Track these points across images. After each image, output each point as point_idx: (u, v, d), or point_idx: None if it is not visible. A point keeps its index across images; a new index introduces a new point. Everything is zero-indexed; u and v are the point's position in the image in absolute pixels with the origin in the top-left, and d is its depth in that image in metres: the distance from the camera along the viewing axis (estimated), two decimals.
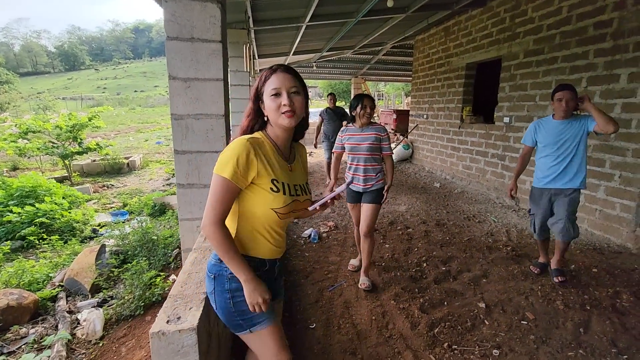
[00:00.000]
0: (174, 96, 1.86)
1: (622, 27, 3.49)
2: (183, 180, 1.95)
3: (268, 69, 1.17)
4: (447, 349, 2.07)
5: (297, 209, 1.21)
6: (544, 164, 2.77)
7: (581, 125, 2.58)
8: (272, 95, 1.12)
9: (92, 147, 8.30)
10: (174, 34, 1.80)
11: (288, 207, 1.15)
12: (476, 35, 5.82)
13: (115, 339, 2.35)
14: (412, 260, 3.24)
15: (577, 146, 2.61)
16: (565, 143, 2.64)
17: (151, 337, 1.05)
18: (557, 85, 2.66)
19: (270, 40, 7.08)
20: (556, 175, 2.70)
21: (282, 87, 1.12)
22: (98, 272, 3.15)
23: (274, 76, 1.14)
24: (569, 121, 2.62)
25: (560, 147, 2.66)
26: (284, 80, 1.13)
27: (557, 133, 2.66)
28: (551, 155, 2.70)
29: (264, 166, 1.11)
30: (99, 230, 4.74)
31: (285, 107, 1.11)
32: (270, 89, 1.13)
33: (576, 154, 2.63)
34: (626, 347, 2.07)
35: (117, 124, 21.77)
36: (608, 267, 3.09)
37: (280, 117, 1.13)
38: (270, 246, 1.20)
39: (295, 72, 1.18)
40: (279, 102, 1.12)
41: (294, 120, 1.14)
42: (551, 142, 2.69)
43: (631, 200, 3.48)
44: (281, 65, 1.19)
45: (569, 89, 2.57)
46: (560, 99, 2.59)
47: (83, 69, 79.44)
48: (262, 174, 1.11)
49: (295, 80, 1.15)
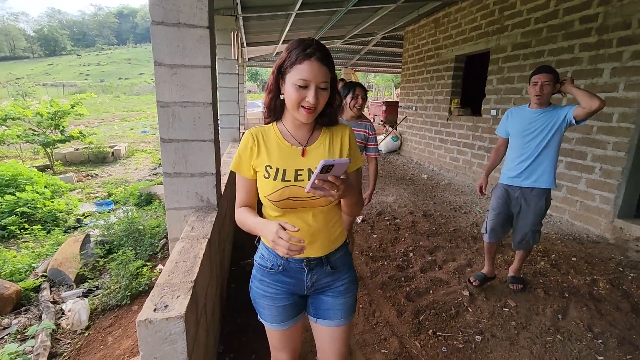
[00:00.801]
0: (159, 83, 1.82)
1: (607, 22, 3.56)
2: (169, 169, 1.92)
3: (301, 48, 0.97)
4: (432, 335, 2.13)
5: (300, 197, 1.06)
6: (510, 157, 2.45)
7: (557, 116, 2.22)
8: (297, 85, 0.98)
9: (75, 135, 8.07)
10: (159, 19, 1.75)
11: (278, 193, 1.04)
12: (465, 27, 5.84)
13: (102, 328, 2.33)
14: (399, 250, 3.29)
15: (550, 139, 2.25)
16: (534, 134, 2.28)
17: (138, 325, 1.04)
18: (536, 68, 2.31)
19: (259, 28, 6.96)
20: (521, 172, 2.36)
21: (312, 81, 0.97)
22: (83, 262, 3.10)
23: (306, 63, 0.96)
24: (545, 111, 2.26)
25: (529, 138, 2.31)
26: (318, 74, 0.97)
27: (527, 122, 2.31)
28: (518, 148, 2.37)
29: (260, 153, 1.09)
30: (83, 220, 4.65)
31: (308, 104, 0.99)
32: (297, 77, 0.97)
33: (547, 148, 2.27)
34: (601, 332, 2.16)
35: (101, 112, 21.20)
36: (586, 256, 3.20)
37: (298, 111, 1.01)
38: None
39: (330, 60, 1.01)
40: (303, 95, 0.98)
41: (312, 117, 1.03)
42: (519, 132, 2.35)
43: (610, 192, 3.59)
44: (319, 47, 0.99)
45: (546, 71, 2.21)
46: (535, 83, 2.23)
47: (64, 54, 76.73)
48: (258, 162, 1.09)
49: (328, 74, 1.00)
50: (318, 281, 1.17)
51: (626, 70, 3.40)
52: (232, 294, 2.49)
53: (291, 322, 1.22)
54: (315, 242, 1.13)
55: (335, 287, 1.19)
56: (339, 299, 1.20)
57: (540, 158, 2.30)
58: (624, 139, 3.44)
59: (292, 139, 1.10)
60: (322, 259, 1.15)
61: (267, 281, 1.18)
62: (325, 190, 0.90)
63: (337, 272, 1.19)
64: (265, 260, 1.18)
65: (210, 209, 1.96)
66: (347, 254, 1.24)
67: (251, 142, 1.09)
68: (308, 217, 1.11)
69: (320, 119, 1.10)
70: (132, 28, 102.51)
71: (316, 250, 1.13)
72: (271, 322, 1.21)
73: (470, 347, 2.03)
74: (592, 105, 2.05)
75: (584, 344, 2.06)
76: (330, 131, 1.14)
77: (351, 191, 1.00)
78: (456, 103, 6.36)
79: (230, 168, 1.13)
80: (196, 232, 1.69)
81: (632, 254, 3.24)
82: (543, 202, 2.36)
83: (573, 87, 2.15)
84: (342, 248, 1.20)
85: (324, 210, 1.12)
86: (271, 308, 1.19)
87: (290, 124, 1.10)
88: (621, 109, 3.46)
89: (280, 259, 1.14)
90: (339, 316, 1.20)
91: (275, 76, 1.05)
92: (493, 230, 2.55)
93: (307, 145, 1.10)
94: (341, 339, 1.23)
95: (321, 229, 1.12)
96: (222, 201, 2.29)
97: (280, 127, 1.12)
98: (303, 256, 1.12)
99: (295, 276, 1.16)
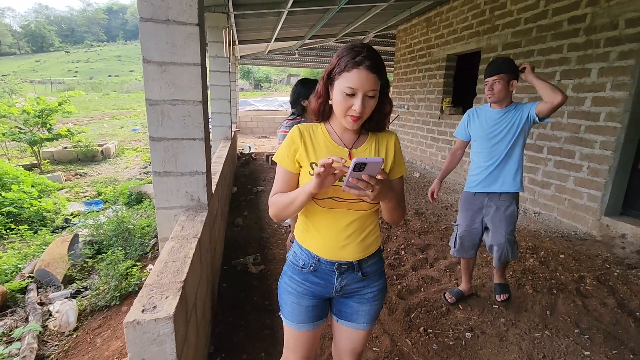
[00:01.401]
0: (148, 81, 1.79)
1: (595, 22, 3.61)
2: (159, 168, 1.89)
3: (351, 56, 0.96)
4: (423, 332, 2.14)
5: (343, 198, 1.06)
6: (475, 163, 2.28)
7: (520, 114, 2.07)
8: (344, 93, 0.97)
9: (62, 133, 7.94)
10: (148, 15, 1.72)
11: (322, 191, 1.02)
12: (457, 27, 5.88)
13: (90, 330, 2.30)
14: (391, 248, 3.31)
15: (515, 140, 2.11)
16: (500, 136, 2.13)
17: (126, 326, 1.03)
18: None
19: (251, 25, 6.91)
20: (488, 176, 2.20)
21: (359, 90, 0.96)
22: (71, 262, 3.05)
23: (355, 72, 0.95)
24: (507, 110, 2.11)
25: (495, 141, 2.15)
26: (366, 82, 0.95)
27: (491, 124, 2.15)
28: (483, 152, 2.21)
29: (306, 148, 1.08)
30: (72, 220, 4.58)
31: (354, 112, 0.98)
32: (345, 85, 0.97)
33: (513, 150, 2.14)
34: (587, 328, 2.20)
35: (90, 109, 20.87)
36: (574, 253, 3.25)
37: (345, 119, 1.01)
38: (319, 240, 1.12)
39: (381, 68, 0.98)
40: (350, 104, 0.98)
41: (357, 124, 1.03)
42: (483, 135, 2.19)
43: (597, 190, 3.66)
44: (369, 54, 0.96)
45: (494, 72, 2.05)
46: (486, 83, 2.10)
47: (52, 50, 75.27)
48: (303, 157, 1.08)
49: (377, 82, 0.98)
50: (347, 286, 1.16)
51: (613, 71, 3.46)
52: (224, 293, 2.47)
53: (310, 325, 1.21)
54: (348, 246, 1.11)
55: (364, 294, 1.19)
56: (365, 306, 1.20)
57: (505, 160, 2.16)
58: (611, 138, 3.50)
59: (338, 140, 1.11)
60: (353, 264, 1.14)
61: (296, 279, 1.18)
62: (360, 190, 0.90)
63: (367, 278, 1.18)
64: (297, 258, 1.18)
65: (201, 208, 1.94)
66: (380, 260, 1.23)
67: (298, 136, 1.09)
68: (345, 219, 1.10)
69: (367, 124, 1.09)
70: (122, 25, 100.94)
71: (349, 254, 1.12)
72: (291, 320, 1.20)
73: (461, 344, 2.05)
74: (554, 100, 1.90)
75: (571, 339, 2.10)
76: (377, 137, 1.13)
77: (388, 194, 0.97)
78: (448, 102, 6.41)
79: (273, 159, 1.14)
80: (186, 232, 1.68)
81: (618, 250, 3.31)
82: (514, 207, 2.21)
83: (533, 76, 1.98)
84: (375, 255, 1.19)
85: (364, 214, 1.11)
86: (294, 306, 1.19)
87: (338, 126, 1.11)
88: (608, 109, 3.52)
89: (312, 259, 1.14)
90: (361, 321, 1.21)
91: (324, 82, 1.05)
92: (461, 245, 2.38)
93: (354, 148, 1.10)
94: (359, 341, 1.25)
95: (356, 233, 1.12)
96: (213, 200, 2.27)
97: (328, 127, 1.12)
98: (335, 259, 1.12)
99: (325, 278, 1.15)
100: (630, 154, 3.49)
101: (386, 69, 1.01)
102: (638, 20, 3.22)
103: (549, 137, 4.19)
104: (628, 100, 3.34)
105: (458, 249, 2.40)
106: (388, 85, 1.05)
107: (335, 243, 1.11)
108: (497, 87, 2.05)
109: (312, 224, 1.14)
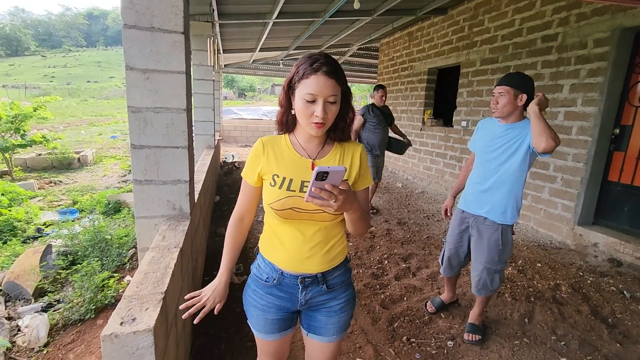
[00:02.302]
0: (131, 87, 1.77)
1: (566, 41, 3.81)
2: (140, 176, 1.86)
3: (308, 63, 0.98)
4: (406, 342, 2.15)
5: (304, 209, 1.04)
6: (470, 179, 2.12)
7: (523, 135, 1.84)
8: (305, 100, 0.98)
9: (37, 139, 7.64)
10: (132, 22, 1.71)
11: (281, 202, 1.03)
12: (438, 42, 6.07)
13: (62, 345, 2.19)
14: (374, 258, 3.32)
15: (511, 162, 1.87)
16: (495, 153, 1.92)
17: (102, 340, 0.99)
18: None
19: (236, 35, 6.93)
20: (476, 196, 2.02)
21: (319, 95, 0.97)
22: (43, 274, 2.91)
23: (313, 78, 0.97)
24: (513, 127, 1.90)
25: (489, 157, 1.96)
26: (324, 87, 0.97)
27: (491, 138, 1.97)
28: (477, 168, 2.06)
29: (269, 160, 1.08)
30: (45, 230, 4.38)
31: (316, 119, 0.98)
32: (305, 92, 0.98)
33: (506, 174, 1.89)
34: (564, 335, 2.27)
35: (67, 115, 20.23)
36: (550, 261, 3.36)
37: (309, 126, 1.01)
38: (282, 253, 1.11)
39: (339, 74, 1.00)
40: (312, 110, 0.98)
41: (321, 131, 1.03)
42: (482, 148, 2.01)
43: (571, 201, 3.81)
44: (326, 61, 0.98)
45: (503, 83, 1.90)
46: (494, 94, 1.95)
47: (27, 54, 72.87)
48: (265, 170, 1.09)
49: (337, 87, 0.99)
50: (313, 299, 1.15)
51: (583, 87, 3.65)
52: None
53: (278, 335, 1.20)
54: (312, 258, 1.10)
55: (331, 307, 1.17)
56: (333, 318, 1.18)
57: (497, 184, 1.92)
58: (582, 151, 3.67)
59: (302, 151, 1.10)
60: (318, 277, 1.12)
61: (260, 292, 1.17)
62: (323, 200, 0.89)
63: (333, 291, 1.16)
64: (260, 271, 1.17)
65: (183, 218, 1.90)
66: (347, 272, 1.21)
67: (261, 150, 1.10)
68: (308, 230, 1.08)
69: (332, 133, 1.10)
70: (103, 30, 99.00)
71: (312, 267, 1.11)
72: (258, 331, 1.20)
73: (443, 353, 2.07)
74: (538, 145, 1.71)
75: (548, 346, 2.15)
76: (342, 147, 1.13)
77: (353, 204, 0.97)
78: (429, 114, 6.57)
79: (241, 174, 1.17)
80: (167, 242, 1.64)
81: (591, 259, 3.44)
82: (498, 236, 1.95)
83: (534, 110, 1.74)
84: (341, 266, 1.17)
85: (328, 225, 1.09)
86: (259, 319, 1.18)
87: (302, 136, 1.10)
88: (579, 123, 3.69)
89: (275, 272, 1.13)
90: (331, 333, 1.19)
91: (285, 91, 1.06)
92: (449, 265, 2.27)
93: (317, 158, 1.09)
94: (331, 353, 1.23)
95: (321, 245, 1.10)
96: (196, 209, 2.24)
97: (292, 138, 1.12)
98: (298, 271, 1.11)
99: (289, 291, 1.14)
100: (600, 166, 3.66)
101: (346, 78, 1.05)
102: (605, 40, 3.43)
103: None
104: (597, 115, 3.52)
105: (445, 268, 2.31)
106: (349, 93, 1.06)
107: (298, 255, 1.09)
108: (502, 101, 1.87)
109: (275, 235, 1.13)
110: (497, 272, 2.06)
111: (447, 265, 2.28)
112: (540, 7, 4.08)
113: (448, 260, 2.26)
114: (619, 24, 3.29)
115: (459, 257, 2.24)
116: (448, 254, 2.25)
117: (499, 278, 2.09)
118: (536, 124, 1.72)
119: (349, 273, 1.22)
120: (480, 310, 2.22)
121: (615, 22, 3.32)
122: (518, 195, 1.93)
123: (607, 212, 3.71)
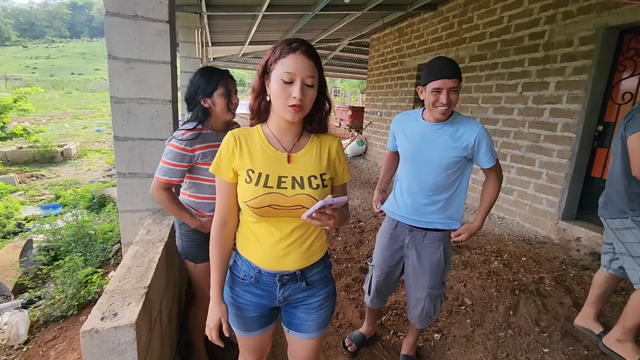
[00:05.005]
0: (114, 77, 1.72)
1: (552, 39, 3.86)
2: (124, 169, 1.81)
3: (286, 43, 0.95)
4: (393, 335, 2.17)
5: (282, 205, 1.00)
6: (398, 184, 1.75)
7: (466, 138, 1.55)
8: (282, 80, 0.93)
9: (17, 132, 7.41)
10: (115, 10, 1.65)
11: (258, 200, 0.98)
12: (427, 38, 6.09)
13: (43, 342, 2.13)
14: (363, 252, 3.33)
15: (454, 167, 1.58)
16: (431, 159, 1.58)
17: (82, 335, 0.96)
18: (433, 61, 1.57)
19: (225, 27, 6.82)
20: (411, 206, 1.65)
21: (297, 75, 0.92)
22: (23, 270, 2.83)
23: (291, 56, 0.92)
24: (445, 125, 1.57)
25: (422, 164, 1.61)
26: (303, 67, 0.92)
27: (420, 139, 1.61)
28: (409, 175, 1.67)
29: (242, 155, 1.02)
30: (26, 225, 4.26)
31: (294, 100, 0.93)
32: (282, 71, 0.92)
33: (452, 180, 1.60)
34: (547, 326, 2.32)
35: (50, 108, 19.70)
36: (534, 255, 3.42)
37: (285, 110, 0.95)
38: (259, 250, 1.07)
39: (317, 58, 0.97)
40: (289, 92, 0.93)
41: (299, 116, 0.97)
42: (410, 150, 1.64)
43: (555, 196, 3.88)
44: (304, 43, 0.95)
45: (454, 75, 1.48)
46: (437, 90, 1.49)
47: (8, 45, 70.54)
48: (239, 165, 1.02)
49: (314, 69, 0.95)
50: (291, 296, 1.12)
51: (569, 84, 3.71)
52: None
53: (259, 332, 1.18)
54: (289, 255, 1.07)
55: (310, 303, 1.15)
56: (313, 315, 1.16)
57: (440, 190, 1.61)
58: (567, 147, 3.74)
59: (277, 144, 1.04)
60: (296, 274, 1.09)
61: (237, 290, 1.13)
62: (322, 221, 0.91)
63: (312, 288, 1.13)
64: (237, 269, 1.14)
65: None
66: (327, 268, 1.18)
67: (233, 143, 1.03)
68: (286, 227, 1.05)
69: (309, 125, 1.06)
70: (88, 21, 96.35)
71: (290, 264, 1.08)
72: (237, 328, 1.18)
73: (430, 346, 2.09)
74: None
75: (532, 337, 2.20)
76: (319, 140, 1.08)
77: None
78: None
79: (210, 170, 1.06)
80: (152, 236, 1.61)
81: (574, 253, 3.52)
82: (440, 254, 1.64)
83: (478, 226, 1.64)
84: (320, 262, 1.14)
85: (306, 222, 1.03)
86: (238, 317, 1.15)
87: (276, 127, 1.04)
88: (564, 120, 3.76)
89: (253, 270, 1.10)
90: (311, 330, 1.17)
91: (260, 75, 1.00)
92: (377, 295, 1.86)
93: (293, 152, 1.04)
94: (312, 349, 1.22)
95: (299, 241, 1.07)
96: None
97: (265, 130, 1.06)
98: (276, 269, 1.08)
99: (266, 289, 1.11)
100: (583, 163, 3.74)
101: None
102: (590, 38, 3.48)
103: (512, 145, 4.41)
104: (582, 113, 3.59)
105: (372, 298, 1.86)
106: (325, 84, 1.03)
107: (276, 252, 1.06)
108: (455, 98, 1.49)
109: (252, 232, 1.09)
110: (440, 297, 1.77)
111: (374, 295, 1.86)
112: (528, 4, 4.12)
113: (376, 291, 1.84)
114: (604, 23, 3.35)
115: (390, 284, 1.84)
116: (377, 282, 1.82)
117: (441, 302, 1.79)
118: (487, 211, 1.67)
119: (329, 269, 1.20)
120: (415, 339, 1.93)
121: (600, 20, 3.37)
122: (461, 195, 1.66)
123: (590, 208, 3.79)
